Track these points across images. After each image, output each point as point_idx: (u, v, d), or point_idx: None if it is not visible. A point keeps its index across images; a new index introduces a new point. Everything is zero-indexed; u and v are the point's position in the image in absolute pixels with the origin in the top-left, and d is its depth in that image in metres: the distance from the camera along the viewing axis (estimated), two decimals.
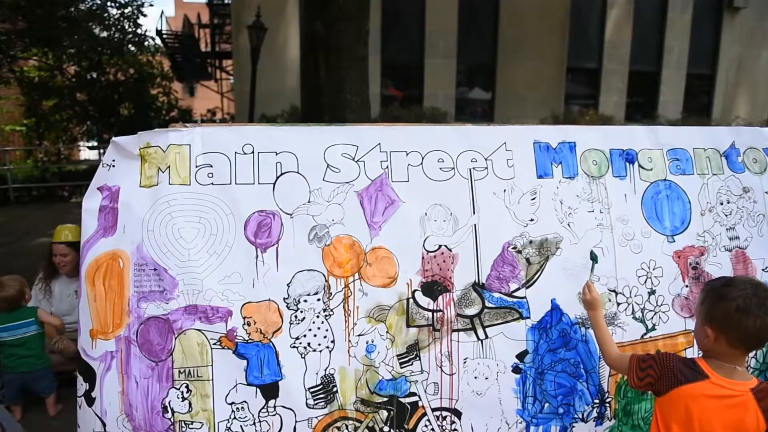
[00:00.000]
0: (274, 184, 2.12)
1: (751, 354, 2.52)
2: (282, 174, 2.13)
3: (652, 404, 2.37)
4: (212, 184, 2.10)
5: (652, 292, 2.39)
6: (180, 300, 2.05)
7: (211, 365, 2.07)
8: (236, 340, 2.07)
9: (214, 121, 18.73)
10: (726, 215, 2.53)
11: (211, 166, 2.11)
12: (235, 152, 2.13)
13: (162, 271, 2.05)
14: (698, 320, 1.82)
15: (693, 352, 2.44)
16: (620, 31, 12.10)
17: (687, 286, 2.44)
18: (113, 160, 2.12)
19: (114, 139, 2.12)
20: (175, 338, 2.05)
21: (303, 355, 2.11)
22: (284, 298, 2.09)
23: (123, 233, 2.07)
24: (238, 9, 11.23)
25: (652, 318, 2.38)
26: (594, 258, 2.30)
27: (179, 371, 2.06)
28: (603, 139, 2.43)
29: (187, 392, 2.06)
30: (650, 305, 2.38)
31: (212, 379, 2.07)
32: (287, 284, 2.10)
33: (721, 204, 2.53)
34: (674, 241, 2.44)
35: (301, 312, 2.10)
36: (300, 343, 2.11)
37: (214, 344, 2.07)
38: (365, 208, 2.16)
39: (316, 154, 2.16)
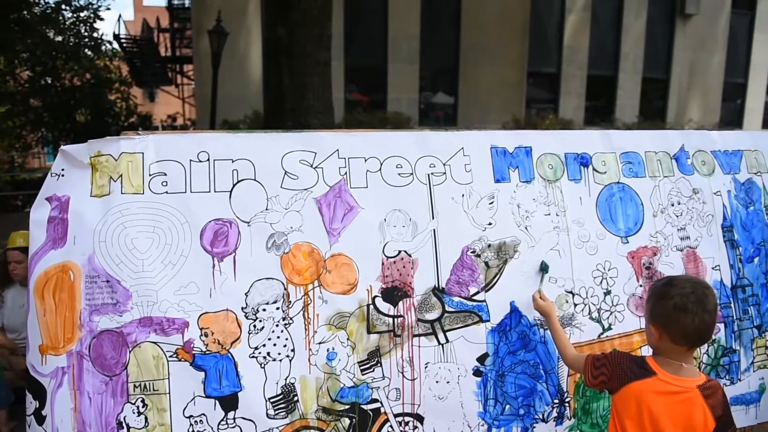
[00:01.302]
0: (231, 191, 2.08)
1: (703, 350, 2.60)
2: (239, 181, 2.10)
3: (610, 403, 2.42)
4: (167, 192, 2.05)
5: (607, 293, 2.44)
6: (134, 312, 2.00)
7: (168, 378, 2.02)
8: (193, 352, 2.02)
9: (175, 127, 18.40)
10: (677, 216, 2.61)
11: (165, 175, 2.06)
12: (190, 160, 2.08)
13: (115, 282, 1.99)
14: (645, 319, 1.88)
15: (648, 350, 2.50)
16: (578, 36, 12.40)
17: (641, 285, 2.50)
18: (62, 170, 2.05)
19: (63, 147, 2.05)
20: (130, 351, 2.00)
21: (262, 365, 2.08)
22: (242, 308, 2.06)
23: (73, 245, 2.01)
24: (199, 13, 11.07)
25: (608, 318, 2.43)
26: (544, 269, 2.33)
27: (134, 385, 2.00)
28: (558, 144, 2.48)
29: (143, 407, 2.00)
30: (606, 305, 2.43)
31: (169, 393, 2.02)
32: (245, 293, 2.06)
33: (672, 205, 2.61)
34: (628, 242, 2.50)
35: (260, 321, 2.07)
36: (259, 352, 2.08)
37: (171, 356, 2.02)
38: (324, 215, 2.14)
39: (274, 161, 2.14)
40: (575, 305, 2.39)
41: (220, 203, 2.07)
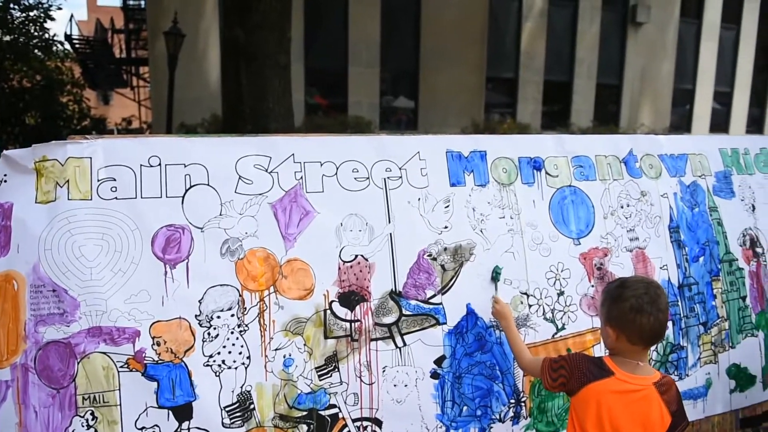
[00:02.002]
0: (183, 197, 2.04)
1: (653, 347, 2.68)
2: (191, 187, 2.06)
3: (565, 400, 2.48)
4: (116, 198, 2.00)
5: (560, 293, 2.50)
6: (82, 322, 1.93)
7: (119, 389, 1.96)
8: (145, 362, 1.97)
9: (130, 131, 17.95)
10: (626, 218, 2.69)
11: (115, 180, 2.00)
12: (141, 165, 2.03)
13: (61, 292, 1.92)
14: (601, 321, 1.93)
15: (600, 349, 2.57)
16: (535, 42, 12.68)
17: (593, 285, 2.57)
18: (5, 175, 1.97)
19: (5, 152, 1.98)
20: (78, 363, 1.93)
21: (217, 373, 2.04)
22: (196, 315, 2.02)
23: (17, 253, 1.93)
24: (154, 14, 10.85)
25: (561, 318, 2.49)
26: (496, 277, 2.36)
27: (83, 398, 1.93)
28: (512, 148, 2.53)
29: (92, 420, 1.94)
30: (559, 306, 2.49)
31: (120, 404, 1.96)
32: (199, 301, 2.02)
33: (622, 207, 2.69)
34: (580, 243, 2.56)
35: (215, 329, 2.04)
36: (214, 360, 2.04)
37: (121, 367, 1.96)
38: (279, 220, 2.12)
39: (227, 166, 2.11)
40: (530, 306, 2.43)
41: (172, 209, 2.03)
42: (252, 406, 2.07)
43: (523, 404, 2.43)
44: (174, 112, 10.05)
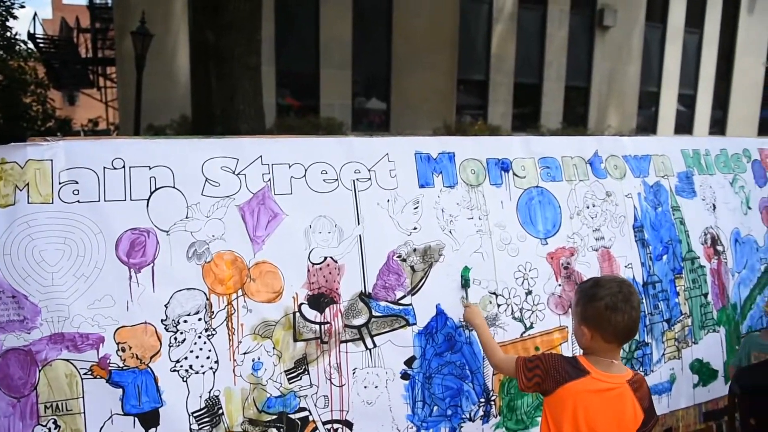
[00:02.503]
0: (148, 200, 2.01)
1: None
2: (156, 189, 2.02)
3: (534, 398, 2.51)
4: (78, 201, 1.95)
5: (529, 293, 2.53)
6: (43, 329, 1.88)
7: (82, 397, 1.91)
8: (110, 368, 1.93)
9: (97, 132, 17.56)
10: (592, 218, 2.74)
11: (77, 183, 1.96)
12: (104, 167, 1.99)
13: (22, 298, 1.87)
14: (575, 321, 1.95)
15: (567, 347, 2.62)
16: (505, 45, 12.83)
17: (560, 284, 2.61)
18: None
19: None
20: (40, 370, 1.88)
21: (185, 379, 2.01)
22: (162, 320, 1.99)
23: None
24: (121, 13, 10.65)
25: (530, 317, 2.52)
26: (466, 284, 2.39)
27: (45, 406, 1.88)
28: (480, 150, 2.55)
29: (55, 429, 1.89)
30: (528, 305, 2.52)
31: (84, 412, 1.91)
32: (165, 305, 1.99)
33: (588, 207, 2.74)
34: (547, 243, 2.60)
35: (181, 333, 2.01)
36: (181, 366, 2.01)
37: (85, 374, 1.92)
38: (247, 223, 2.10)
39: (194, 168, 2.08)
40: (498, 306, 2.46)
41: (136, 212, 1.99)
42: (220, 411, 2.04)
43: (492, 403, 2.45)
44: (142, 113, 9.87)
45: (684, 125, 16.71)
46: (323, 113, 11.05)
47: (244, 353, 2.08)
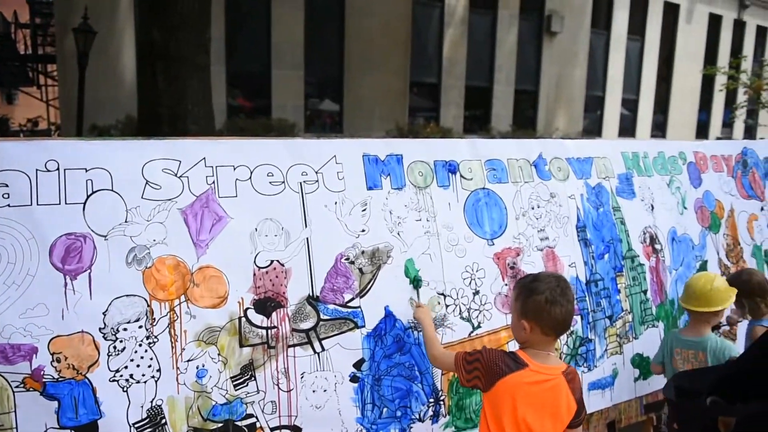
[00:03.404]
0: (84, 203, 1.93)
1: (563, 341, 2.81)
2: (93, 192, 1.95)
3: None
4: (8, 206, 1.85)
5: (476, 293, 2.57)
6: None
7: (14, 411, 1.82)
8: (44, 380, 1.84)
9: (36, 132, 16.82)
10: (537, 218, 2.81)
11: (7, 186, 1.86)
12: (37, 169, 1.90)
13: None
14: (514, 316, 2.01)
15: (515, 345, 2.66)
16: (456, 49, 13.00)
17: (506, 284, 2.65)
18: None
19: None
20: None
21: (125, 389, 1.94)
22: (100, 329, 1.91)
23: None
24: (63, 9, 10.23)
25: (477, 317, 2.56)
26: (417, 285, 2.41)
27: None
28: (428, 152, 2.57)
29: None
30: (475, 305, 2.56)
31: (16, 427, 1.82)
32: (103, 313, 1.91)
33: (533, 209, 2.80)
34: (494, 244, 2.65)
35: (121, 342, 1.94)
36: (121, 375, 1.94)
37: (17, 387, 1.82)
38: (190, 226, 2.05)
39: (133, 170, 2.01)
40: (447, 306, 2.48)
41: (72, 216, 1.91)
42: (163, 421, 1.98)
43: (441, 403, 2.47)
44: (85, 113, 9.50)
45: (628, 128, 17.35)
46: (275, 114, 10.91)
47: (188, 360, 2.02)
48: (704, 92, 19.16)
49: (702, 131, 19.48)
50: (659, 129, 18.42)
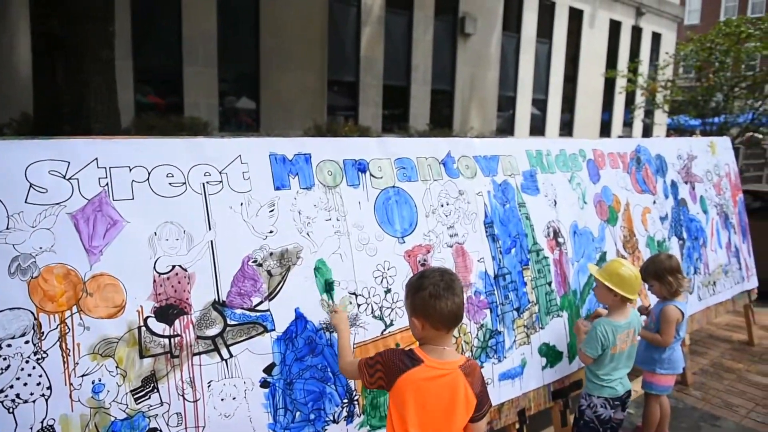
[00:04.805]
0: None
1: (474, 335, 2.89)
2: None
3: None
4: None
5: (388, 291, 2.58)
6: None
7: None
8: None
9: None
10: (446, 216, 2.87)
11: None
12: None
13: None
14: (407, 314, 2.04)
15: None
16: (373, 47, 13.07)
17: None
18: None
19: None
20: None
21: (11, 410, 1.79)
22: None
23: None
24: None
25: (389, 315, 2.57)
26: (330, 288, 2.40)
27: None
28: (337, 151, 2.56)
29: None
30: (387, 303, 2.57)
31: None
32: None
33: (442, 206, 2.86)
34: (404, 242, 2.67)
35: (5, 359, 1.78)
36: (6, 395, 1.78)
37: None
38: (81, 232, 1.92)
39: (15, 173, 1.85)
40: (359, 305, 2.48)
41: None
42: None
43: (356, 403, 2.47)
44: None
45: (538, 127, 18.18)
46: (188, 113, 10.47)
47: (83, 375, 1.89)
48: (607, 93, 20.41)
49: (605, 130, 20.76)
50: (567, 128, 19.43)
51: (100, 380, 1.92)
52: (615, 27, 20.23)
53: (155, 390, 2.00)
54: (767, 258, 6.42)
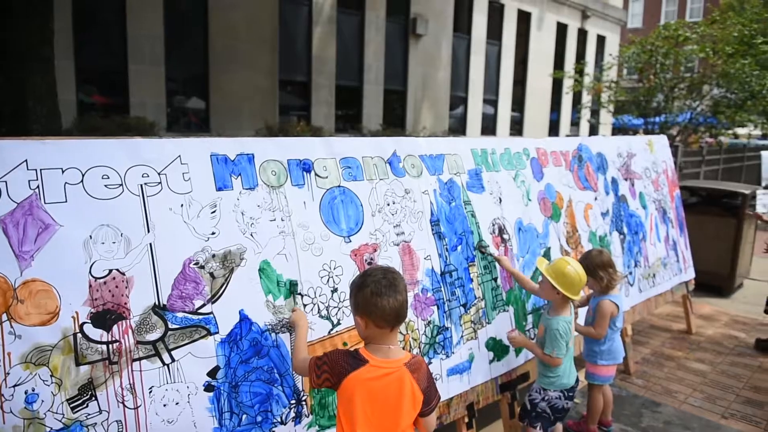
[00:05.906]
0: None
1: (422, 331, 2.93)
2: None
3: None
4: None
5: (334, 290, 2.58)
6: None
7: None
8: None
9: None
10: (392, 214, 2.89)
11: None
12: None
13: None
14: (352, 313, 2.05)
15: None
16: (325, 47, 13.02)
17: None
18: None
19: None
20: None
21: None
22: None
23: None
24: None
25: (336, 314, 2.58)
26: (294, 289, 2.41)
27: None
28: (281, 150, 2.54)
29: None
30: (334, 302, 2.58)
31: None
32: None
33: (388, 205, 2.88)
34: (351, 241, 2.68)
35: None
36: None
37: None
38: (11, 237, 1.85)
39: None
40: (305, 306, 2.48)
41: None
42: None
43: (304, 403, 2.46)
44: None
45: (489, 127, 18.50)
46: (134, 113, 10.17)
47: (14, 386, 1.83)
48: (555, 94, 20.95)
49: (554, 129, 21.32)
50: (517, 127, 19.85)
51: (33, 390, 1.85)
52: (562, 29, 20.80)
53: (93, 398, 1.95)
54: (704, 250, 6.75)
